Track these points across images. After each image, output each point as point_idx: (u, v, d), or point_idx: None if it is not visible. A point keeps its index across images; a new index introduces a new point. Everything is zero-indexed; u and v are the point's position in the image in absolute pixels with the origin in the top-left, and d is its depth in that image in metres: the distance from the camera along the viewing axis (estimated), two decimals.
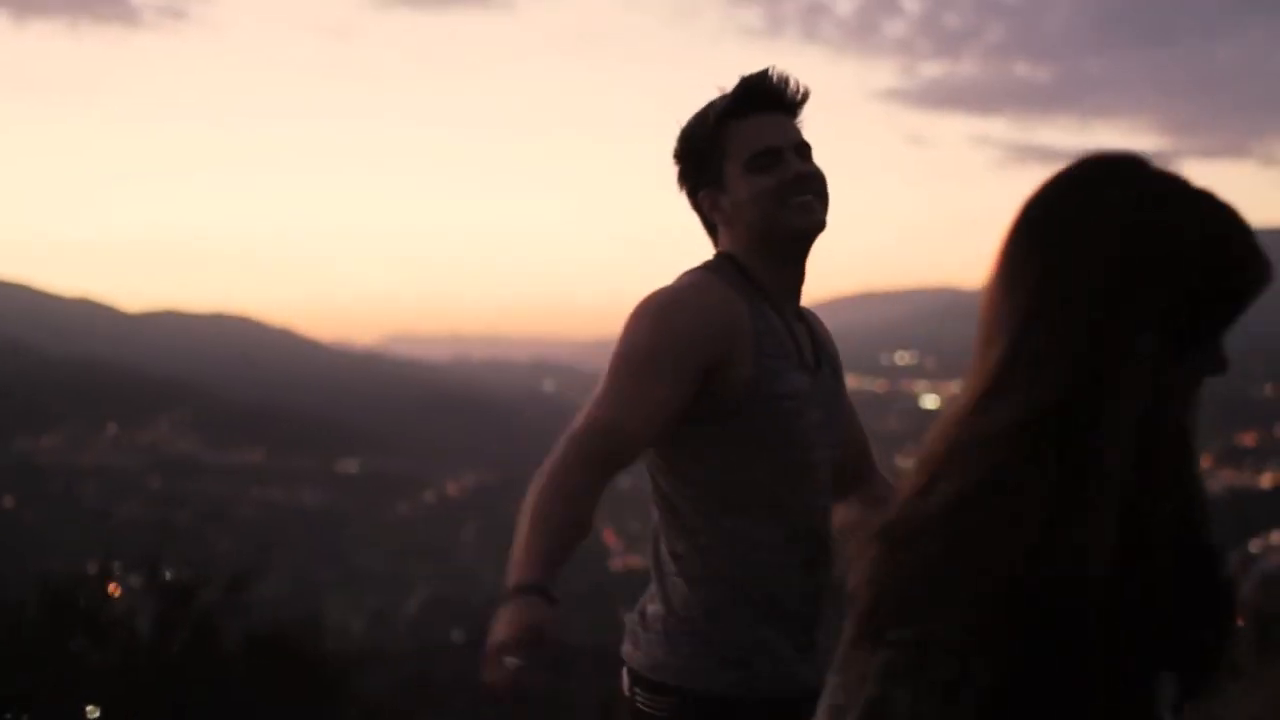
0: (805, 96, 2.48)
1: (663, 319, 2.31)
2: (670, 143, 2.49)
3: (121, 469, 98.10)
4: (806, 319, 2.54)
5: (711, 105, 2.46)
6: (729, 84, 2.47)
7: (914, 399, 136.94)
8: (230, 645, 8.30)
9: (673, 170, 2.51)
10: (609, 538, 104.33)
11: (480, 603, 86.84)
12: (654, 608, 2.43)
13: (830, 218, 2.46)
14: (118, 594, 8.68)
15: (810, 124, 2.49)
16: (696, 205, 2.51)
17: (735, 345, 2.34)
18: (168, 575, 8.30)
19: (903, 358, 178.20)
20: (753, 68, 2.44)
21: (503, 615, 1.96)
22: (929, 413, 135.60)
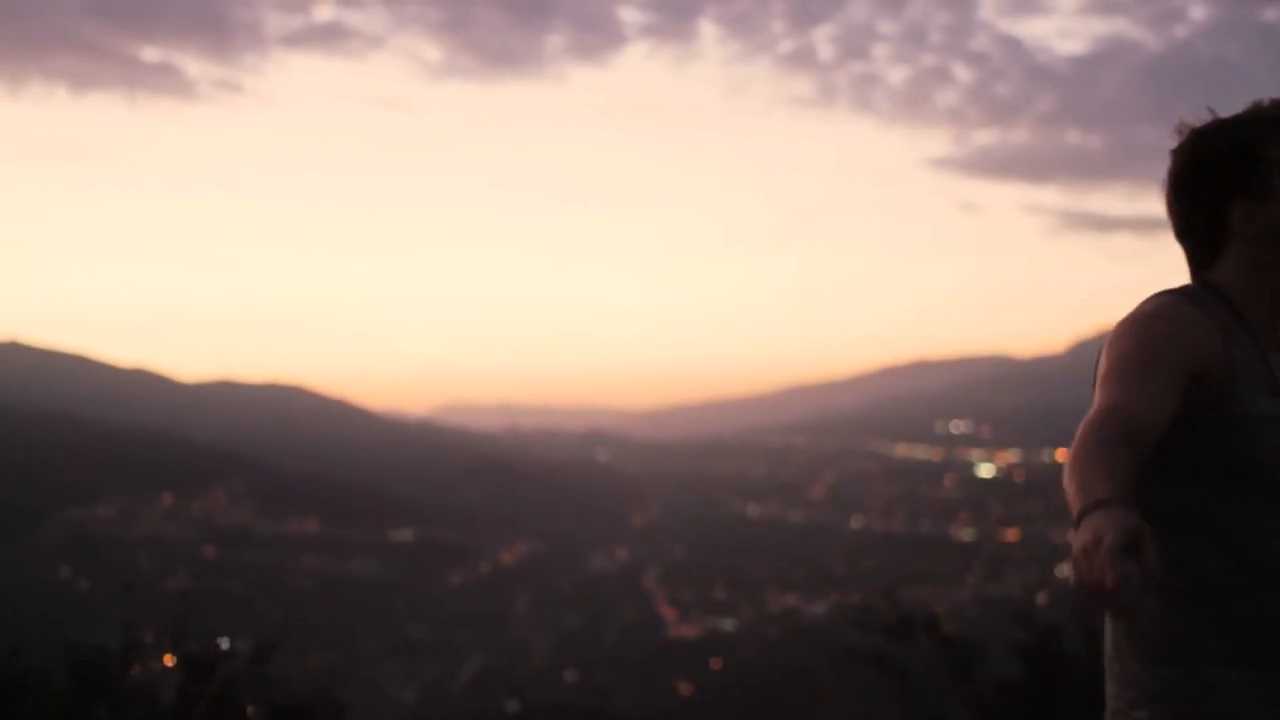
0: None
1: (1144, 326, 2.26)
2: (722, 209, 2.36)
3: (175, 539, 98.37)
4: None
5: (1257, 115, 2.39)
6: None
7: (969, 467, 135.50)
8: (255, 717, 8.27)
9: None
10: (664, 608, 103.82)
11: (532, 673, 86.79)
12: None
13: (883, 285, 2.38)
14: (171, 663, 8.71)
15: (862, 192, 2.41)
16: (1221, 216, 2.37)
17: (1209, 362, 2.25)
18: (215, 644, 8.29)
19: (957, 426, 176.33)
20: (805, 137, 2.34)
21: (1087, 527, 1.81)
22: (984, 481, 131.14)
